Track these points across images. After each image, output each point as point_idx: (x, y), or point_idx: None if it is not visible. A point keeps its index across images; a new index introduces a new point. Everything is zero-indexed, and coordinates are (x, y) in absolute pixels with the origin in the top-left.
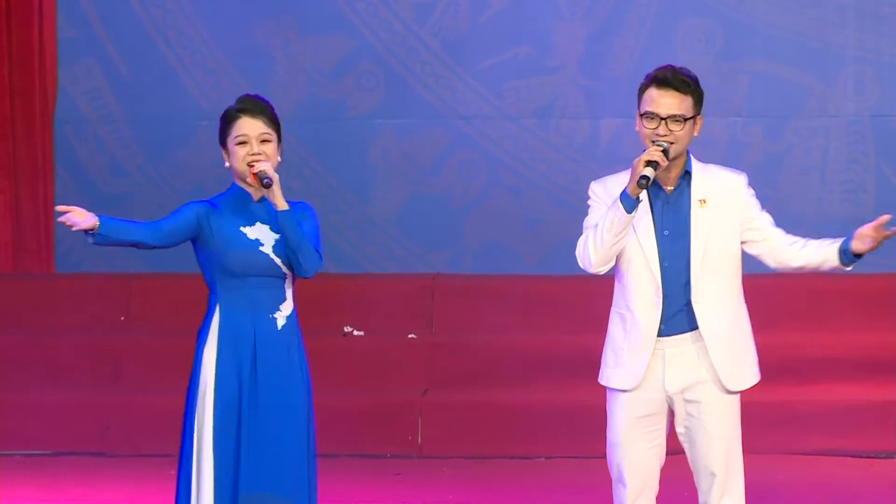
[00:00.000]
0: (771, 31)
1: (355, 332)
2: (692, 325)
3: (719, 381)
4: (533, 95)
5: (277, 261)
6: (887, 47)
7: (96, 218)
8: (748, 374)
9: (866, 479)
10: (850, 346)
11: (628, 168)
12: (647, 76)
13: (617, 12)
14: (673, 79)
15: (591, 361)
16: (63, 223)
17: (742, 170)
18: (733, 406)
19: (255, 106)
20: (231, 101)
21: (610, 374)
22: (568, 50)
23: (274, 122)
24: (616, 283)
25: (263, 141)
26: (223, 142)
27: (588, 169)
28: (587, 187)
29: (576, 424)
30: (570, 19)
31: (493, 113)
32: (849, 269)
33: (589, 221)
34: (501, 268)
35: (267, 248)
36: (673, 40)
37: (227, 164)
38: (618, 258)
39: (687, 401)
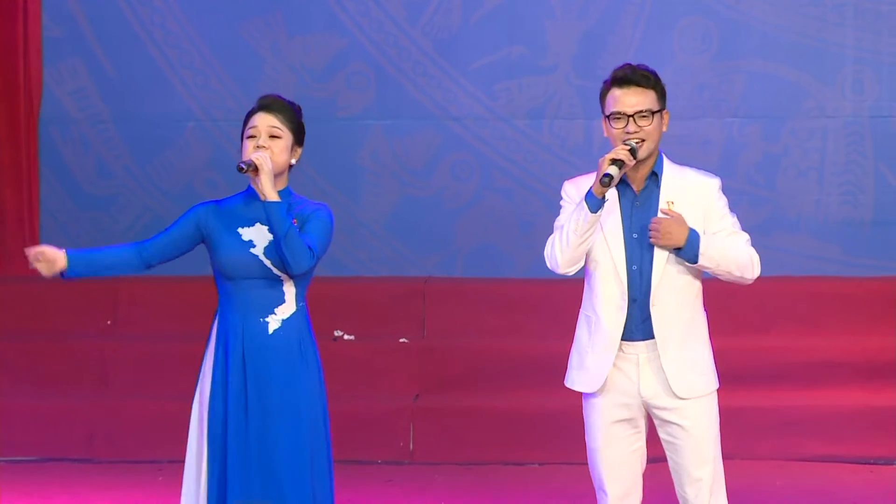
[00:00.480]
0: (768, 31)
1: (346, 337)
2: None
3: (669, 387)
4: (526, 96)
5: (267, 262)
6: (886, 47)
7: (64, 258)
8: (701, 382)
9: (867, 485)
10: (850, 350)
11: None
12: (606, 80)
13: (611, 11)
14: (633, 75)
15: None
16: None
17: (738, 171)
18: (714, 410)
19: (274, 103)
20: (219, 101)
21: (574, 377)
22: (562, 49)
23: (291, 122)
24: (585, 284)
25: (272, 136)
26: (242, 137)
27: (582, 170)
28: None
29: (570, 430)
30: (564, 18)
31: (486, 113)
32: (699, 260)
33: (559, 221)
34: (494, 271)
35: (258, 250)
36: (668, 40)
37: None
38: (586, 259)
39: (665, 408)
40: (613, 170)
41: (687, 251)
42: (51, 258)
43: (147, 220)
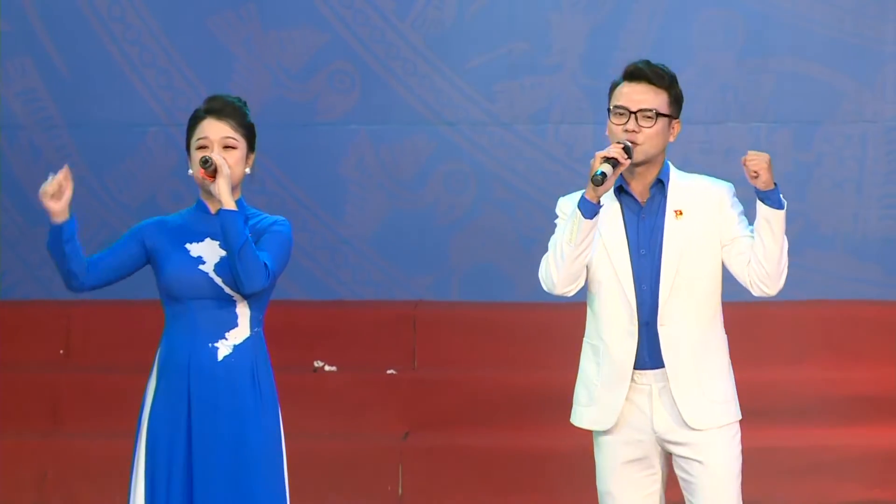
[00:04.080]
0: (800, 25)
1: (327, 368)
2: None
3: (681, 418)
4: (528, 98)
5: (218, 280)
6: None
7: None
8: (718, 411)
9: None
10: (890, 383)
11: None
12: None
13: (624, 3)
14: (647, 69)
15: None
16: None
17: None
18: (735, 445)
19: (225, 106)
20: (185, 104)
21: (582, 413)
22: (568, 46)
23: (244, 127)
24: (588, 309)
25: (226, 147)
26: (187, 146)
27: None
28: None
29: (576, 471)
30: (571, 11)
31: (484, 118)
32: (784, 206)
33: (554, 240)
34: (492, 294)
35: (207, 267)
36: (688, 35)
37: (190, 171)
38: (588, 281)
39: (680, 444)
40: (607, 167)
41: (776, 193)
42: (66, 200)
43: (104, 236)
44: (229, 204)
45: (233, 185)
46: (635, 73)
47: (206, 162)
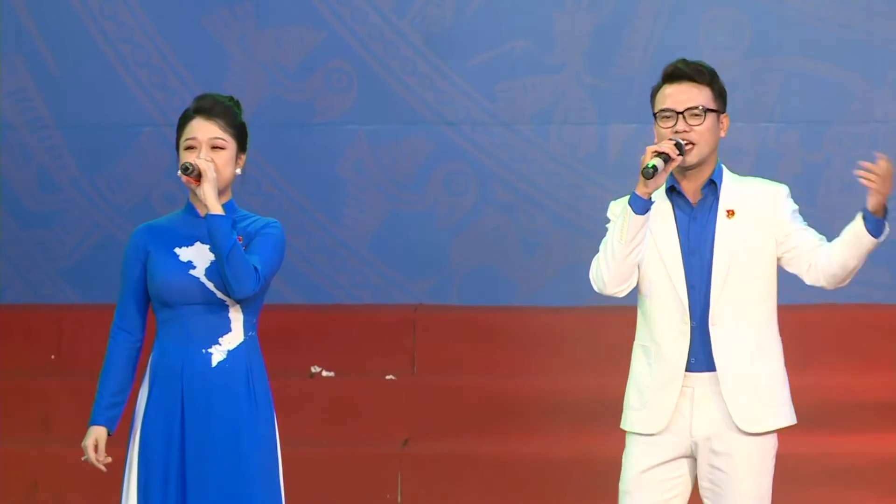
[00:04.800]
0: (808, 23)
1: (324, 373)
2: None
3: (731, 419)
4: (531, 97)
5: (210, 285)
6: None
7: (104, 429)
8: (771, 415)
9: None
10: None
11: None
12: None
13: (628, 1)
14: (686, 68)
15: (600, 406)
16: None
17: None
18: (768, 462)
19: (214, 106)
20: (179, 104)
21: (635, 418)
22: (571, 45)
23: (234, 127)
24: (638, 311)
25: (215, 147)
26: (177, 146)
27: (595, 182)
28: (594, 203)
29: (582, 479)
30: (574, 9)
31: (485, 118)
32: (881, 237)
33: (605, 242)
34: (494, 298)
35: (198, 272)
36: (694, 34)
37: (178, 172)
38: (639, 282)
39: (714, 451)
40: (658, 161)
41: (881, 223)
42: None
43: (96, 239)
44: (216, 208)
45: (221, 187)
46: (675, 74)
47: (187, 169)
